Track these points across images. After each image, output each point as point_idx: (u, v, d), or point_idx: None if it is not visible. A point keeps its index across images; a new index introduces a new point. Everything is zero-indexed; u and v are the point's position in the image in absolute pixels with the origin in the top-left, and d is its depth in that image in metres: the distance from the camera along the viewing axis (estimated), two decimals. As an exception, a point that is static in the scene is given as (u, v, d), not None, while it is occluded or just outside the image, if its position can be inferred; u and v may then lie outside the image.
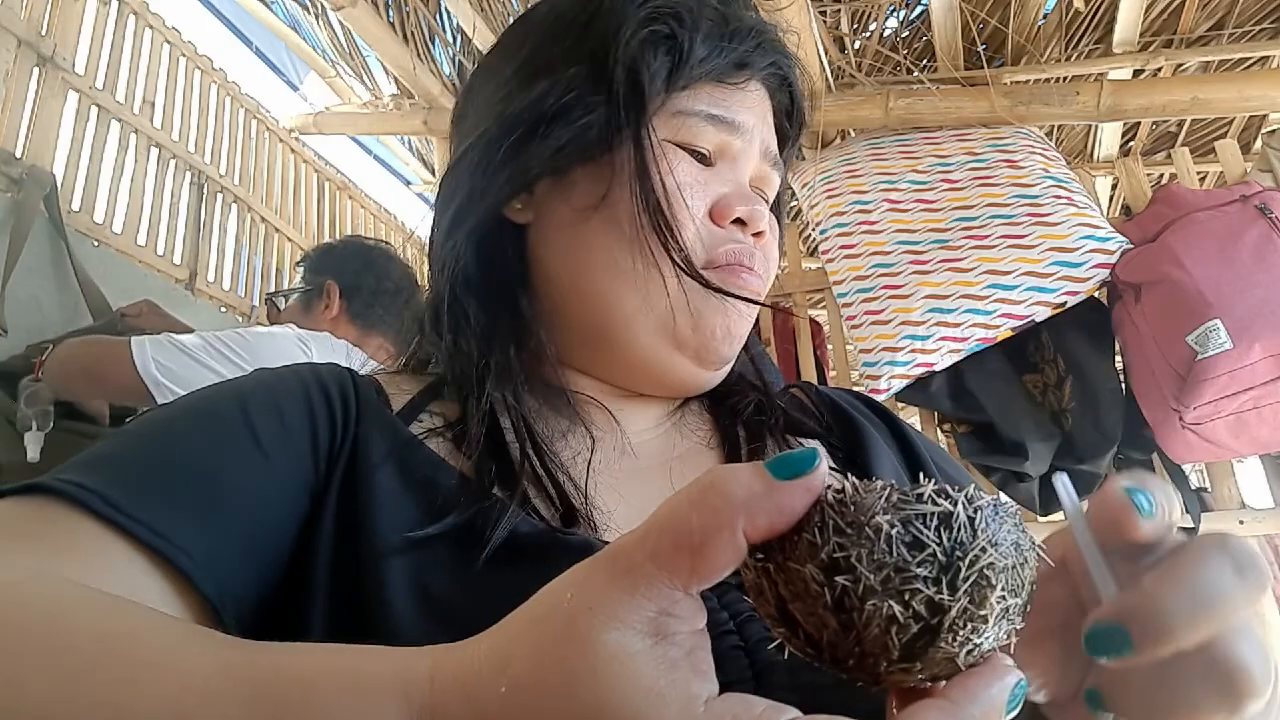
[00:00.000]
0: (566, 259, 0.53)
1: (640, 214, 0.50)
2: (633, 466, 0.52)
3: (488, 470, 0.46)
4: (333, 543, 0.43)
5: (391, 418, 0.50)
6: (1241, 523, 1.68)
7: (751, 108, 0.56)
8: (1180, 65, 1.99)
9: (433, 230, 0.57)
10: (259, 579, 0.42)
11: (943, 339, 1.70)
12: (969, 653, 0.25)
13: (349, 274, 1.63)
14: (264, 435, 0.44)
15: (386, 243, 1.83)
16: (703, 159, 0.53)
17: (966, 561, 0.24)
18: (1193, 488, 1.70)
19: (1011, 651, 0.27)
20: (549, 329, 0.54)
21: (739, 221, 0.53)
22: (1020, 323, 1.67)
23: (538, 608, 0.28)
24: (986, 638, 0.25)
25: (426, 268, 0.59)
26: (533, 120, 0.52)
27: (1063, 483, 0.31)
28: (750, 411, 0.55)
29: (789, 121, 0.61)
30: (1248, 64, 1.97)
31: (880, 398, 1.78)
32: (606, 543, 0.43)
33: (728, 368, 0.56)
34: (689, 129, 0.53)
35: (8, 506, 0.39)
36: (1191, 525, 1.67)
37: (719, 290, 0.50)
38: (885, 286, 1.77)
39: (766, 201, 0.58)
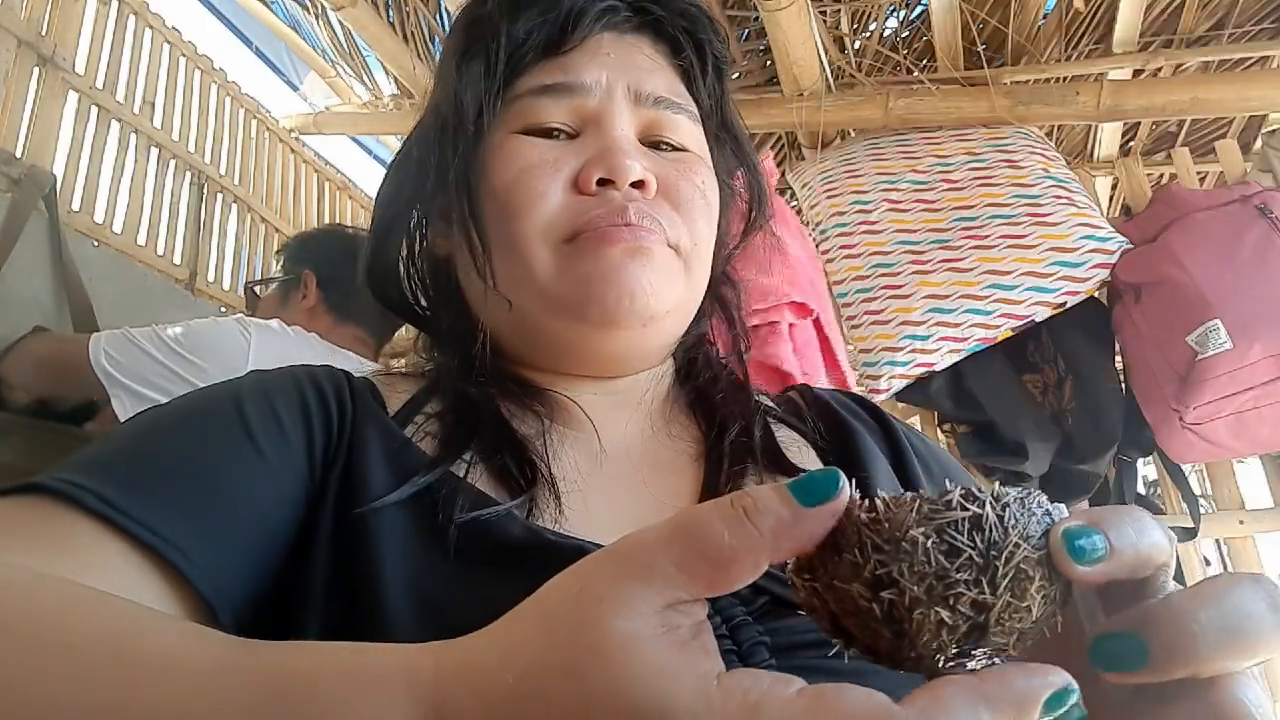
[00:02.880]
0: (469, 274, 0.55)
1: (462, 239, 0.53)
2: (616, 471, 0.51)
3: (456, 450, 0.47)
4: (329, 544, 0.43)
5: (387, 420, 0.50)
6: (1241, 522, 1.68)
7: (599, 61, 0.54)
8: (1180, 65, 1.99)
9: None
10: (256, 578, 0.42)
11: (943, 339, 1.70)
12: (1017, 640, 0.26)
13: (326, 263, 1.60)
14: (260, 435, 0.45)
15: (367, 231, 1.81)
16: (553, 134, 0.53)
17: (1003, 560, 0.26)
18: (1192, 490, 1.70)
19: (1059, 630, 0.27)
20: (499, 337, 0.56)
21: (608, 182, 0.51)
22: (1020, 323, 1.67)
23: (545, 601, 0.28)
24: (1033, 624, 0.26)
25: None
26: (405, 163, 0.59)
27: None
28: (737, 433, 0.53)
29: (688, 52, 0.58)
30: (1248, 64, 1.97)
31: (880, 398, 1.78)
32: (598, 545, 0.43)
33: (658, 324, 0.52)
34: (526, 110, 0.53)
35: (4, 506, 0.39)
36: (1191, 526, 1.67)
37: (504, 298, 0.52)
38: (885, 286, 1.77)
39: (675, 147, 0.55)
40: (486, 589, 0.40)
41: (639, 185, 0.51)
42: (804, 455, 0.55)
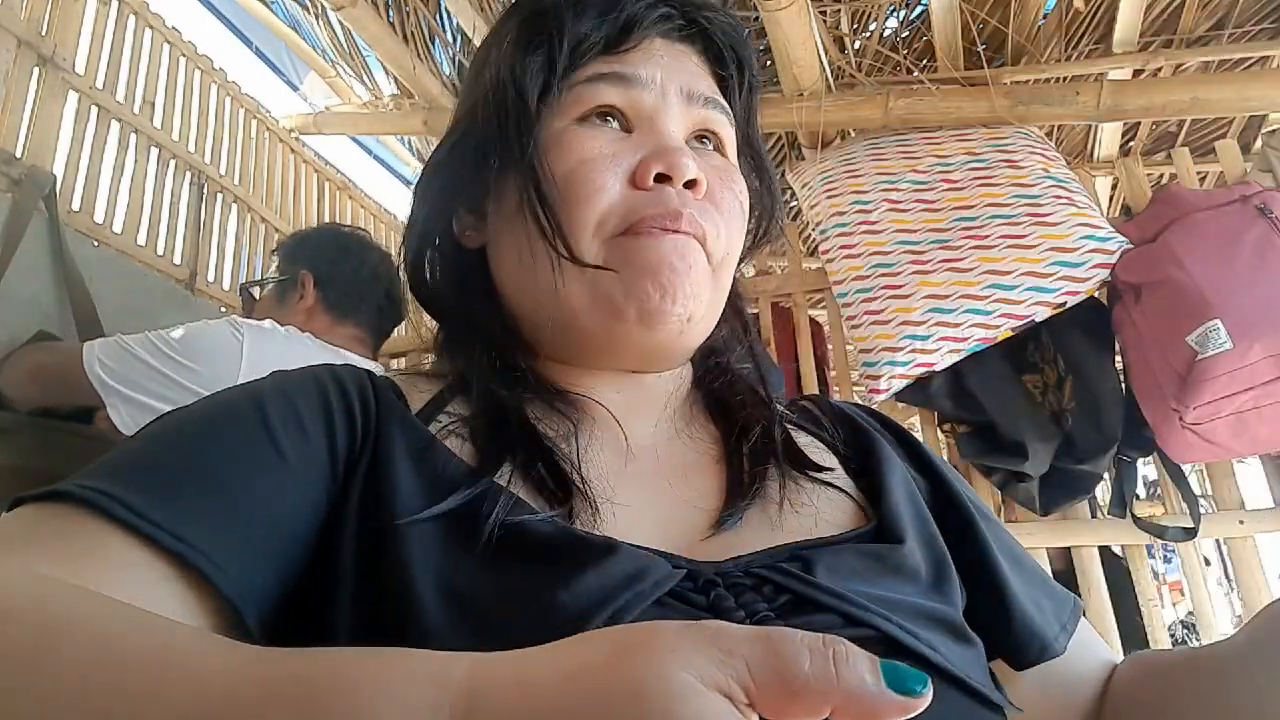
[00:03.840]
0: (507, 265, 0.56)
1: (529, 219, 0.52)
2: (641, 471, 0.52)
3: (493, 463, 0.47)
4: (356, 542, 0.43)
5: (411, 418, 0.50)
6: (1241, 522, 1.68)
7: (654, 62, 0.55)
8: (1180, 65, 1.99)
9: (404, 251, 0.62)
10: (280, 581, 0.42)
11: (943, 339, 1.70)
12: None
13: (324, 263, 1.59)
14: (281, 438, 0.45)
15: (363, 229, 1.79)
16: (611, 120, 0.54)
17: None
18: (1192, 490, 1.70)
19: None
20: (526, 331, 0.56)
21: (665, 178, 0.52)
22: (1020, 323, 1.67)
23: (619, 633, 0.28)
24: None
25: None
26: (455, 152, 0.58)
27: None
28: (758, 435, 0.54)
29: (730, 66, 0.60)
30: (1248, 64, 1.97)
31: (880, 398, 1.78)
32: (628, 542, 0.43)
33: (694, 326, 0.54)
34: (586, 95, 0.54)
35: (28, 513, 0.39)
36: (1191, 526, 1.67)
37: (595, 267, 0.51)
38: (885, 286, 1.77)
39: (718, 148, 0.58)
40: (517, 584, 0.41)
41: (691, 185, 0.53)
42: (824, 458, 0.56)
